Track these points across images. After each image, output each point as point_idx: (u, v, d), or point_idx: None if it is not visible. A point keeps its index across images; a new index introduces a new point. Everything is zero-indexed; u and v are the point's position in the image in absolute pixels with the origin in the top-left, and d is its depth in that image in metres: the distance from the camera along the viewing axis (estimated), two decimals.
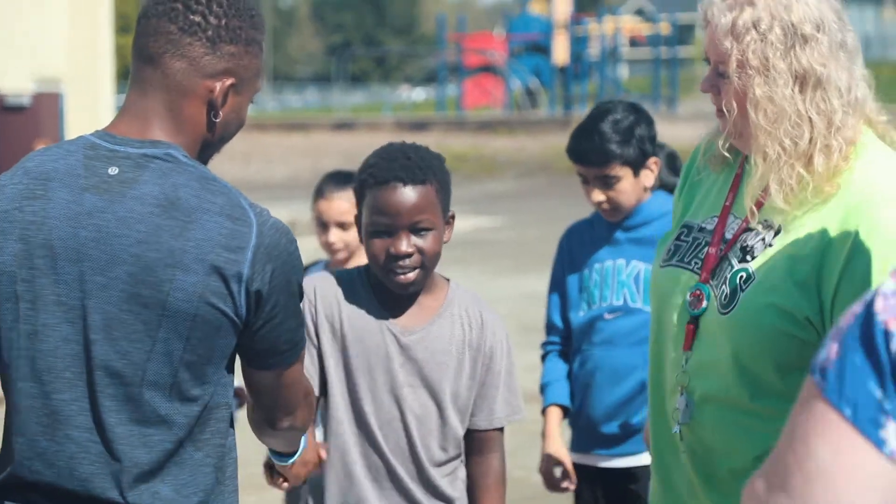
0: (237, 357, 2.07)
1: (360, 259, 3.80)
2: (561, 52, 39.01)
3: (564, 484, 3.57)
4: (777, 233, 2.21)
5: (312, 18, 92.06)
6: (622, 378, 3.50)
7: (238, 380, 2.14)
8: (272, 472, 2.53)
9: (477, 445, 2.66)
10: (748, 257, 2.22)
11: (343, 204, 3.75)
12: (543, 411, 3.59)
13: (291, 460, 2.33)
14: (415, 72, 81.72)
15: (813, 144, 2.16)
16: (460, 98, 39.75)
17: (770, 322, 2.15)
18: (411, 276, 2.57)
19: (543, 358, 3.67)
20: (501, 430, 2.69)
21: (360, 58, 74.87)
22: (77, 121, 14.87)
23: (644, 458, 3.45)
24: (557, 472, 3.57)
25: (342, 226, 3.77)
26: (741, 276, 2.21)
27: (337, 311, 2.61)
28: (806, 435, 1.20)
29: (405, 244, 2.55)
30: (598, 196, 3.47)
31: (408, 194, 2.55)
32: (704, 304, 2.23)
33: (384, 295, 2.62)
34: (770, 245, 2.20)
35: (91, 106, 15.39)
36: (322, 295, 2.63)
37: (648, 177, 3.50)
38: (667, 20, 43.42)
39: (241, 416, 2.56)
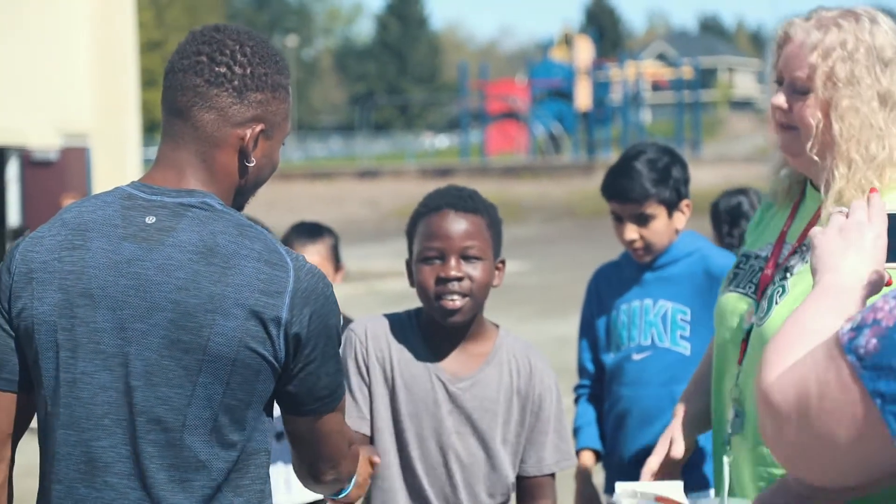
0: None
1: None
2: (583, 97, 39.13)
3: None
4: None
5: (335, 69, 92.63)
6: (653, 418, 3.48)
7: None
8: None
9: (528, 492, 2.66)
10: (787, 275, 2.37)
11: (314, 258, 3.73)
12: (576, 454, 3.60)
13: (344, 493, 2.32)
14: (438, 119, 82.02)
15: (888, 158, 2.32)
16: (483, 144, 39.88)
17: None
18: (458, 302, 2.57)
19: (576, 401, 3.67)
20: (553, 476, 2.69)
21: (384, 106, 75.24)
22: (104, 175, 15.00)
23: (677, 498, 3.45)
24: None
25: None
26: (778, 291, 2.36)
27: (388, 354, 2.63)
28: (828, 395, 1.49)
29: (454, 268, 2.57)
30: (632, 234, 3.47)
31: (458, 220, 2.59)
32: (753, 320, 2.39)
33: (434, 340, 2.63)
34: (806, 261, 2.34)
35: (118, 160, 15.52)
36: (373, 335, 2.64)
37: (680, 219, 3.51)
38: (689, 64, 43.51)
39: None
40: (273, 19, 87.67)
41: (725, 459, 2.44)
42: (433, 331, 2.62)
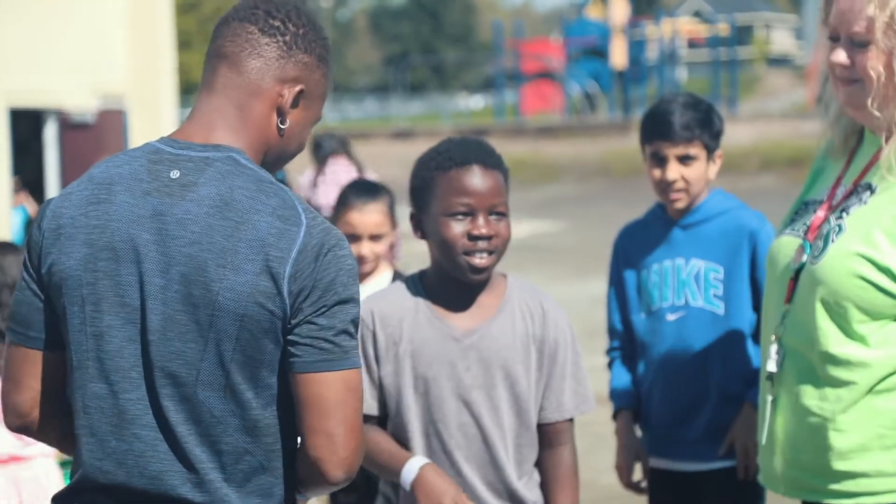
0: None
1: (382, 269, 3.77)
2: (619, 55, 38.85)
3: (642, 483, 3.57)
4: (873, 192, 2.37)
5: (370, 29, 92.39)
6: (688, 379, 3.47)
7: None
8: None
9: (547, 439, 2.63)
10: (843, 214, 2.39)
11: (378, 216, 3.71)
12: (614, 416, 3.60)
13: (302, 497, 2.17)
14: (472, 79, 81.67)
15: None
16: (518, 104, 39.70)
17: (854, 268, 2.31)
18: (486, 260, 2.56)
19: (609, 364, 3.66)
20: (571, 420, 2.66)
21: (418, 67, 75.01)
22: (141, 137, 15.04)
23: (714, 462, 3.45)
24: (634, 472, 3.57)
25: (375, 238, 3.72)
26: (834, 230, 2.37)
27: (398, 330, 2.61)
28: None
29: (486, 225, 2.55)
30: (675, 173, 3.42)
31: (487, 177, 2.57)
32: (804, 258, 2.40)
33: (443, 299, 2.61)
34: (865, 203, 2.36)
35: (154, 122, 15.57)
36: (381, 316, 2.62)
37: (713, 169, 3.49)
38: (725, 21, 43.10)
39: None
40: None
41: (768, 398, 2.45)
42: (442, 290, 2.60)
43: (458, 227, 2.55)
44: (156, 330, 1.98)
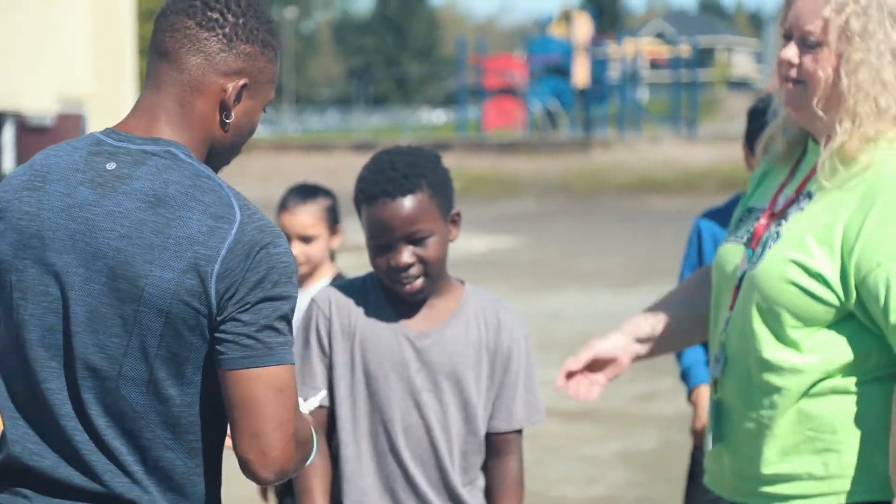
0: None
1: (323, 273, 3.79)
2: (581, 74, 39.01)
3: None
4: (811, 200, 2.39)
5: (334, 42, 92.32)
6: None
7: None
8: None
9: (495, 447, 2.62)
10: (783, 221, 2.41)
11: (306, 218, 3.73)
12: (689, 396, 3.73)
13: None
14: (435, 94, 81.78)
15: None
16: (480, 119, 39.79)
17: (787, 274, 2.34)
18: (417, 284, 2.56)
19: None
20: (520, 432, 2.66)
21: (381, 80, 75.05)
22: None
23: None
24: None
25: (305, 239, 3.74)
26: (772, 237, 2.40)
27: (353, 321, 2.60)
28: None
29: (405, 256, 2.54)
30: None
31: (398, 207, 2.53)
32: (746, 265, 2.42)
33: (397, 300, 2.61)
34: (802, 209, 2.39)
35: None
36: (337, 305, 2.62)
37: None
38: (687, 43, 43.41)
39: None
40: None
41: (714, 403, 2.49)
42: (396, 293, 2.61)
43: (381, 259, 2.56)
44: (80, 322, 1.96)
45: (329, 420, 2.63)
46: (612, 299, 12.43)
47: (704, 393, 3.67)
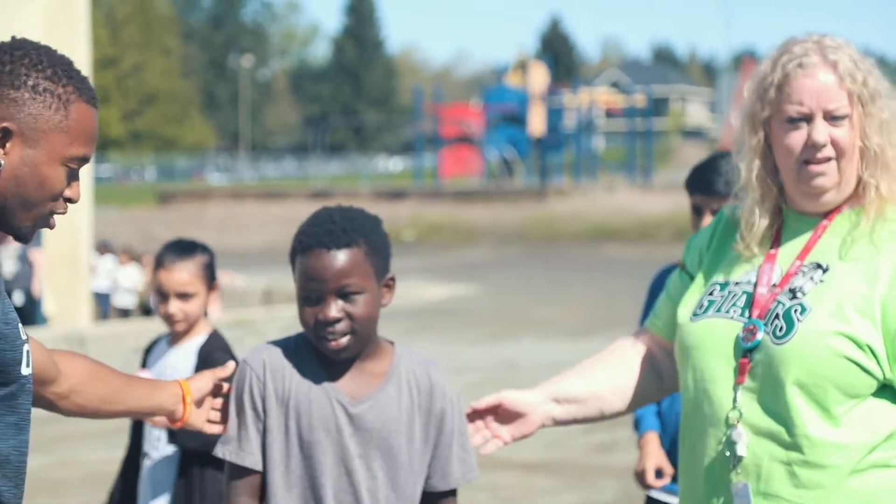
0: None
1: (199, 329, 3.75)
2: (537, 123, 39.28)
3: (658, 482, 3.73)
4: (825, 271, 2.34)
5: (290, 90, 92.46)
6: None
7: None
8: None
9: None
10: (798, 294, 2.34)
11: (184, 275, 3.71)
12: (639, 442, 3.81)
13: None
14: (392, 142, 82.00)
15: None
16: (437, 168, 39.95)
17: (834, 347, 2.27)
18: (343, 341, 2.53)
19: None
20: (455, 491, 2.65)
21: (338, 128, 75.24)
22: None
23: None
24: (652, 476, 3.72)
25: (183, 297, 3.72)
26: (795, 310, 2.32)
27: (287, 385, 2.57)
28: None
29: (333, 309, 2.50)
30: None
31: (332, 258, 2.50)
32: (759, 336, 2.33)
33: (329, 362, 2.58)
34: (821, 282, 2.33)
35: None
36: (271, 368, 2.58)
37: None
38: (642, 92, 43.84)
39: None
40: (229, 39, 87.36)
41: (743, 486, 2.35)
42: (327, 355, 2.59)
43: (309, 312, 2.53)
44: None
45: (262, 485, 2.62)
46: (569, 347, 12.40)
47: (653, 440, 3.77)
